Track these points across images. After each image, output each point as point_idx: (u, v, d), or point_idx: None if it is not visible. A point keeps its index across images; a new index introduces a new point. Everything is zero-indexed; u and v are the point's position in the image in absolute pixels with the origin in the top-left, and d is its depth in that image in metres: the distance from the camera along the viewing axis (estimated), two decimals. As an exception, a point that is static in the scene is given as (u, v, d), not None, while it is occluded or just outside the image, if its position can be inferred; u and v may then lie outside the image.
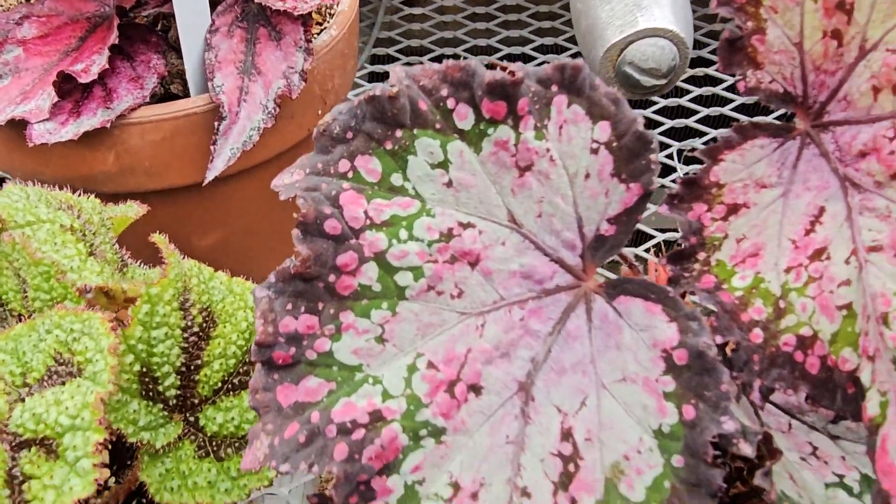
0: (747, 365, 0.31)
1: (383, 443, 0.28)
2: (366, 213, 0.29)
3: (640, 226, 0.74)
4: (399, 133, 0.29)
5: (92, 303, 0.37)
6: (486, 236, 0.31)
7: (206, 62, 0.57)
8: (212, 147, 0.57)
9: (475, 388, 0.31)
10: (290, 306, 0.29)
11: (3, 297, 0.39)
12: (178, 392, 0.39)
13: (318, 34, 0.65)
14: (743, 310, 0.31)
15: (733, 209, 0.33)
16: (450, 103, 0.29)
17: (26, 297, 0.39)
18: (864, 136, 0.30)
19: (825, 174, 0.32)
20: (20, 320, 0.39)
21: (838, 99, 0.31)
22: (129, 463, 0.41)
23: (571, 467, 0.30)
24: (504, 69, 0.28)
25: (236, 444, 0.39)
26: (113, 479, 0.40)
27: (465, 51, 1.07)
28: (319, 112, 0.67)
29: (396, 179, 0.29)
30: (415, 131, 0.29)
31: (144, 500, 0.40)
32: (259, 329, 0.28)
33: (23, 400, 0.34)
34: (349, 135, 0.29)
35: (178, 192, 0.64)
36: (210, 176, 0.57)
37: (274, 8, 0.56)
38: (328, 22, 0.67)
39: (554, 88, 0.30)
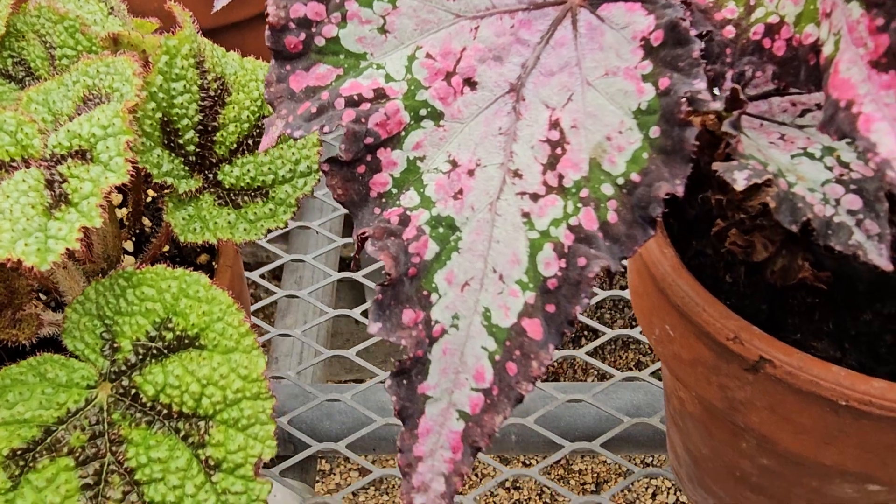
0: (720, 57, 0.34)
1: (387, 112, 0.31)
2: None
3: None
4: None
5: (115, 52, 0.40)
6: (478, -59, 0.33)
7: None
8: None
9: (470, 82, 0.34)
10: (299, -6, 0.31)
11: (32, 65, 0.42)
12: (198, 149, 0.42)
13: None
14: (717, 10, 0.34)
15: (709, -70, 0.35)
16: None
17: (54, 61, 0.42)
18: None
19: None
20: (48, 82, 0.41)
21: None
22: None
23: (559, 150, 0.33)
24: None
25: (252, 194, 0.42)
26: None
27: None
28: None
29: None
30: None
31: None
32: (271, 13, 0.31)
33: (57, 131, 0.37)
34: None
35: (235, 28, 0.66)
36: (218, 5, 0.59)
37: None
38: None
39: None
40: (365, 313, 0.76)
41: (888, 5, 0.26)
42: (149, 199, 0.50)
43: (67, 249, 0.32)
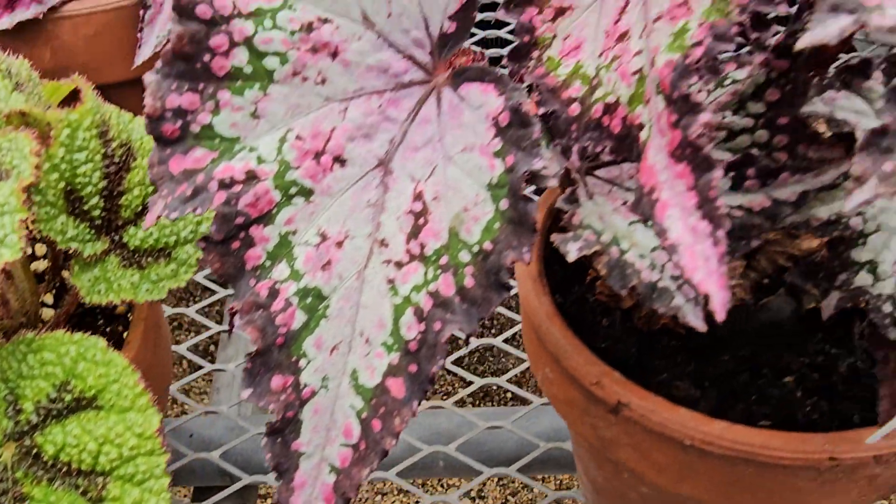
0: (567, 133, 0.37)
1: (257, 193, 0.34)
2: (234, 3, 0.34)
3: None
4: (259, -64, 0.34)
5: (17, 128, 0.42)
6: (343, 31, 0.36)
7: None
8: (139, 35, 0.62)
9: (339, 160, 0.37)
10: (174, 86, 0.34)
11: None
12: (104, 213, 0.45)
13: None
14: (564, 89, 0.37)
15: (560, 12, 0.39)
16: (301, -89, 0.34)
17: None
18: (653, -67, 0.36)
19: (630, -26, 0.37)
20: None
21: None
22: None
23: (422, 221, 0.36)
24: None
25: (156, 255, 0.45)
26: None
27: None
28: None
29: (260, -22, 0.35)
30: (272, -65, 0.34)
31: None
32: (148, 104, 0.34)
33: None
34: (218, -59, 0.34)
35: (115, 89, 0.69)
36: (138, 61, 0.62)
37: None
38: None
39: None
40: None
41: (680, 103, 0.29)
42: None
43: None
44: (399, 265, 0.35)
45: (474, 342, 0.86)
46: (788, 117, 0.35)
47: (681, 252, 0.27)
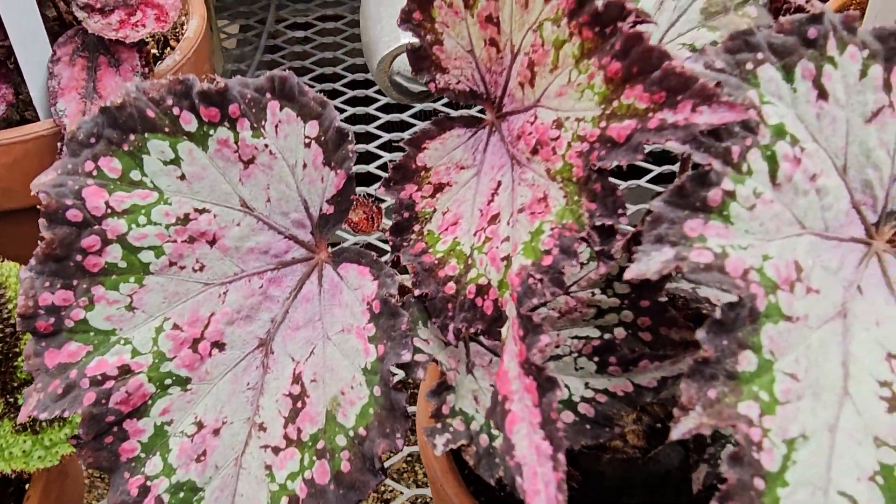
0: (444, 311, 0.38)
1: (129, 390, 0.35)
2: (107, 203, 0.35)
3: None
4: (133, 137, 0.35)
5: None
6: (221, 219, 0.37)
7: (49, 89, 0.63)
8: (57, 166, 0.62)
9: (218, 345, 0.37)
10: (47, 283, 0.35)
11: None
12: (-3, 377, 0.45)
13: (164, 59, 0.71)
14: (441, 268, 0.38)
15: (439, 188, 0.40)
16: (175, 110, 0.35)
17: None
18: (519, 122, 0.37)
19: (503, 155, 0.39)
20: None
21: (507, 94, 0.39)
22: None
23: (300, 404, 0.37)
24: (212, 80, 0.35)
25: (51, 419, 0.45)
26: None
27: (343, 69, 1.14)
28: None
29: (135, 175, 0.36)
30: (146, 135, 0.35)
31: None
32: (21, 303, 0.34)
33: None
34: (93, 140, 0.35)
35: (34, 211, 0.69)
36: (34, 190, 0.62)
37: (107, 38, 0.62)
38: (176, 46, 0.74)
39: (268, 95, 0.37)
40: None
41: (525, 321, 0.30)
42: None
43: None
44: (276, 450, 0.36)
45: None
46: (649, 301, 0.37)
47: (525, 475, 0.28)
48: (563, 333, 0.39)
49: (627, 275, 0.28)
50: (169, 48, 0.75)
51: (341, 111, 1.08)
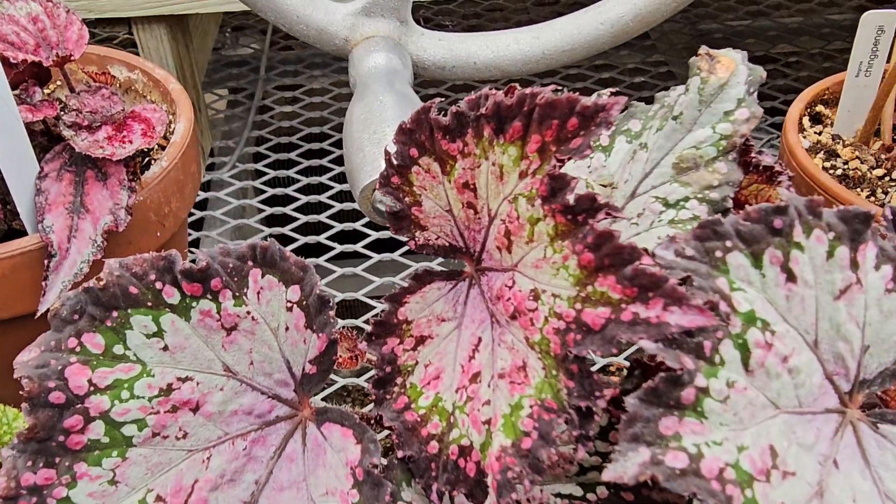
0: (427, 472, 0.38)
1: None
2: (90, 381, 0.35)
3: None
4: (115, 313, 0.36)
5: None
6: (204, 385, 0.37)
7: (37, 205, 0.64)
8: (43, 283, 0.63)
9: (202, 513, 0.37)
10: (30, 462, 0.35)
11: None
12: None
13: (151, 166, 0.72)
14: (423, 426, 0.39)
15: (421, 340, 0.41)
16: (158, 285, 0.36)
17: None
18: (498, 283, 0.38)
19: (483, 310, 0.40)
20: None
21: (486, 251, 0.39)
22: None
23: (283, 572, 0.36)
24: (193, 259, 0.36)
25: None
26: None
27: (330, 145, 1.15)
28: (158, 235, 0.74)
29: (118, 349, 0.36)
30: (129, 311, 0.36)
31: None
32: (2, 484, 0.34)
33: None
34: (76, 316, 0.35)
35: (22, 320, 0.69)
36: (42, 308, 0.62)
37: (94, 156, 0.62)
38: (163, 152, 0.74)
39: (250, 263, 0.37)
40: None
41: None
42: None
43: None
44: None
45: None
46: (631, 463, 0.37)
47: None
48: (546, 489, 0.39)
49: (605, 476, 0.28)
50: (158, 147, 0.76)
51: (328, 169, 1.09)
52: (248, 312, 0.37)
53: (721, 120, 0.39)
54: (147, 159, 0.75)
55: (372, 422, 0.40)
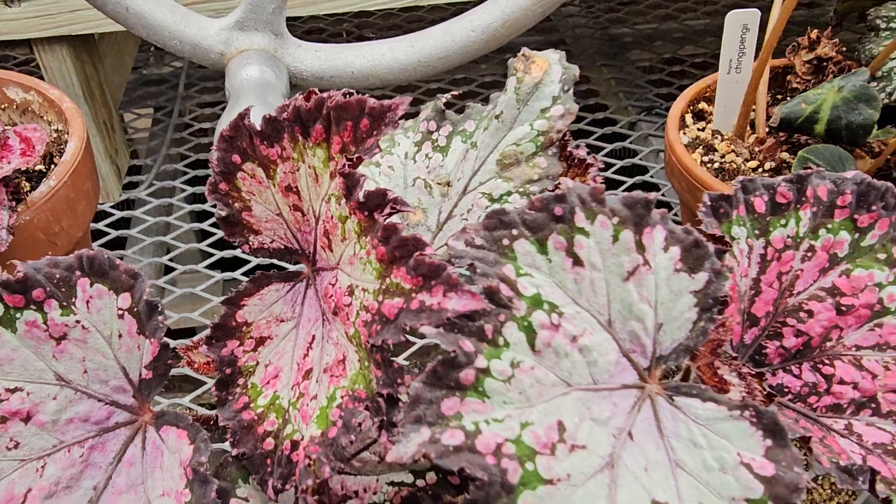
0: (262, 468, 0.39)
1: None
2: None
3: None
4: (-64, 327, 0.36)
5: None
6: (35, 395, 0.38)
7: (-86, 229, 0.63)
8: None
9: (36, 521, 0.37)
10: None
11: None
12: None
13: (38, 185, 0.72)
14: (260, 424, 0.40)
15: (261, 341, 0.42)
16: (-21, 298, 0.36)
17: None
18: (326, 281, 0.39)
19: (317, 309, 0.41)
20: None
21: (318, 251, 0.41)
22: None
23: (120, 575, 0.37)
24: (13, 270, 0.36)
25: None
26: None
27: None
28: (49, 254, 0.74)
29: (-58, 363, 0.36)
30: (-50, 324, 0.36)
31: None
32: None
33: None
34: None
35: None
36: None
37: (-30, 177, 0.62)
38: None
39: (77, 273, 0.38)
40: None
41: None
42: None
43: None
44: None
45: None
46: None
47: None
48: (382, 479, 0.40)
49: (388, 458, 0.29)
50: (54, 165, 0.76)
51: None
52: (78, 321, 0.38)
53: (538, 117, 0.41)
54: (43, 178, 0.75)
55: (212, 422, 0.41)
